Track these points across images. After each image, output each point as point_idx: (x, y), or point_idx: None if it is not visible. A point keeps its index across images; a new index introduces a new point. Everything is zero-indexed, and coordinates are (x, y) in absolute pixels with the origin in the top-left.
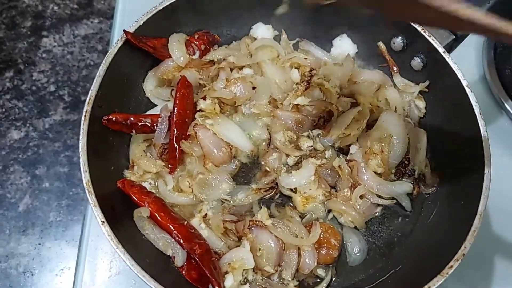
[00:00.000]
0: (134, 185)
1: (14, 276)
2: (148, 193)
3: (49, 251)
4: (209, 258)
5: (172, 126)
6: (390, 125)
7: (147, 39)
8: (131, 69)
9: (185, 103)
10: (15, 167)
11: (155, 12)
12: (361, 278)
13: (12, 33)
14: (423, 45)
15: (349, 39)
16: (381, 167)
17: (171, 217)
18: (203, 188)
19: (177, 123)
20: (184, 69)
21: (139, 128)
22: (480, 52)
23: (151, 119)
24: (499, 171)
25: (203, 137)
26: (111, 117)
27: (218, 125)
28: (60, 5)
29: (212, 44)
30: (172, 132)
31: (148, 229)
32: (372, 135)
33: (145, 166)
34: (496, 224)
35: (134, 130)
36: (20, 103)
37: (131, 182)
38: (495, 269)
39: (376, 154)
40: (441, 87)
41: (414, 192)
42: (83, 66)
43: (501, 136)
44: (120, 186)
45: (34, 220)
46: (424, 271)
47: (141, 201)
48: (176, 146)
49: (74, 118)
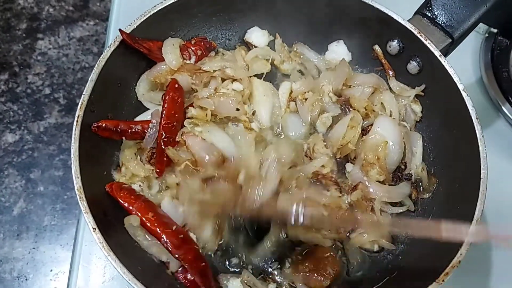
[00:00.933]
0: (122, 189)
1: (8, 281)
2: (137, 196)
3: (44, 255)
4: (199, 264)
5: (160, 130)
6: (385, 130)
7: (142, 41)
8: (125, 73)
9: (174, 107)
10: (10, 171)
11: (149, 15)
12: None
13: (7, 35)
14: (419, 49)
15: (345, 46)
16: (381, 174)
17: (160, 222)
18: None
19: (165, 126)
20: (176, 72)
21: (129, 135)
22: (477, 55)
23: (142, 126)
24: (496, 174)
25: (193, 144)
26: (101, 124)
27: (208, 132)
28: (55, 7)
29: (208, 50)
30: (159, 135)
31: (140, 236)
32: (367, 143)
33: (134, 169)
34: (493, 227)
35: (124, 137)
36: (15, 106)
37: (120, 185)
38: (491, 274)
39: (372, 164)
40: (437, 91)
41: (413, 196)
42: (78, 69)
43: (498, 139)
44: (108, 190)
45: (29, 224)
46: (420, 278)
47: (129, 205)
48: (164, 149)
49: (69, 121)
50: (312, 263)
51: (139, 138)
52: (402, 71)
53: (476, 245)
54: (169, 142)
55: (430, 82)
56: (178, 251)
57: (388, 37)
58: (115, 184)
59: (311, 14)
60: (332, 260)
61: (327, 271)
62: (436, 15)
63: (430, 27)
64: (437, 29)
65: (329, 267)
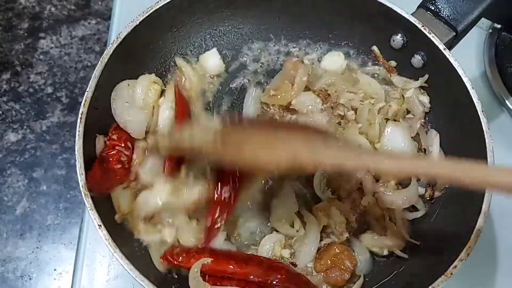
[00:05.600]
0: (178, 253)
1: (11, 281)
2: (192, 253)
3: (47, 254)
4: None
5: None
6: (394, 142)
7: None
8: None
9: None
10: (12, 170)
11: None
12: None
13: (8, 34)
14: (423, 42)
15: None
16: (397, 184)
17: (236, 263)
18: None
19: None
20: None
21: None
22: (481, 49)
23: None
24: None
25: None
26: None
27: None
28: (57, 6)
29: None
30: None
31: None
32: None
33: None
34: (498, 222)
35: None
36: (17, 105)
37: (171, 252)
38: (498, 269)
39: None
40: (442, 84)
41: (426, 195)
42: (81, 68)
43: (502, 133)
44: (166, 262)
45: (32, 223)
46: (427, 272)
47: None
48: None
49: (72, 120)
50: (328, 260)
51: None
52: (406, 65)
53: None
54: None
55: (434, 76)
56: (269, 277)
57: (392, 31)
58: (168, 253)
59: (313, 6)
60: (348, 253)
61: (346, 264)
62: (440, 9)
63: (434, 21)
64: (440, 22)
65: (346, 261)
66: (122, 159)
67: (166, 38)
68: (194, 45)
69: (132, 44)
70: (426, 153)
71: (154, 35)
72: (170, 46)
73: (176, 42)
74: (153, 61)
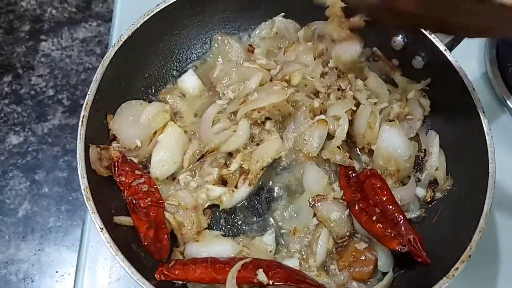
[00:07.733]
0: (174, 267)
1: (14, 283)
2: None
3: (49, 256)
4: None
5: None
6: (390, 144)
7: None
8: (129, 72)
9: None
10: (14, 173)
11: (152, 14)
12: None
13: (10, 37)
14: (424, 43)
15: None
16: (396, 182)
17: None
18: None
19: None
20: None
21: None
22: (482, 50)
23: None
24: (501, 169)
25: None
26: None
27: None
28: (58, 8)
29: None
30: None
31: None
32: (375, 161)
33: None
34: (499, 222)
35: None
36: (19, 107)
37: (168, 267)
38: (499, 271)
39: (392, 175)
40: (442, 85)
41: (427, 196)
42: (82, 70)
43: (503, 134)
44: (163, 278)
45: (34, 225)
46: (429, 273)
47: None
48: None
49: (73, 122)
50: (349, 257)
51: None
52: (407, 66)
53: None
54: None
55: (435, 77)
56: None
57: (392, 33)
58: (164, 268)
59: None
60: (366, 247)
61: (367, 256)
62: None
63: None
64: None
65: (367, 253)
66: (143, 189)
67: (167, 40)
68: (196, 47)
69: (133, 46)
70: (426, 153)
71: (155, 37)
72: (171, 48)
73: (177, 44)
74: (154, 63)
